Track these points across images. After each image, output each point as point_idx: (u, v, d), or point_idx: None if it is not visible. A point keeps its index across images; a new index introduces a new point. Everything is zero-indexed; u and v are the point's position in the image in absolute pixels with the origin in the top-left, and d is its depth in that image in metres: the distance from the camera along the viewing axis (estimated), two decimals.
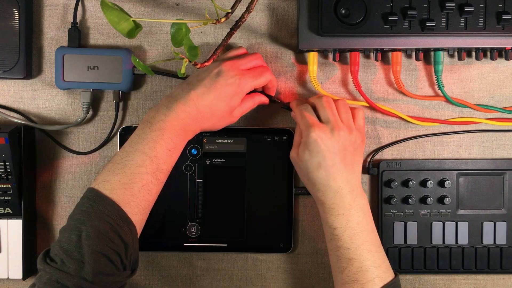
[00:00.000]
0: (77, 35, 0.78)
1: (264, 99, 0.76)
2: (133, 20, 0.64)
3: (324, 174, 0.68)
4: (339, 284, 0.70)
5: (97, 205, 0.63)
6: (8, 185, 0.76)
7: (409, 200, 0.78)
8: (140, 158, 0.66)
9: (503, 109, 0.80)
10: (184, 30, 0.63)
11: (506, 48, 0.76)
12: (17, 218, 0.77)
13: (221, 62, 0.71)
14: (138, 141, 0.67)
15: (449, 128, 0.80)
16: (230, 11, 0.67)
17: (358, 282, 0.67)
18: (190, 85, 0.70)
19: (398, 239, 0.79)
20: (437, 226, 0.79)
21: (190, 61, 0.65)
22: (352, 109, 0.73)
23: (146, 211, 0.68)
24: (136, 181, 0.65)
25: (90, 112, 0.79)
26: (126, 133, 0.79)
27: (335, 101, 0.73)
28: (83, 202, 0.64)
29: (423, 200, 0.78)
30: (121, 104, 0.79)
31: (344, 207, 0.69)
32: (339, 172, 0.68)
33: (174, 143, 0.68)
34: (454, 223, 0.79)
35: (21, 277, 0.77)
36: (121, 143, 0.79)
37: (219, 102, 0.70)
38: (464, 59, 0.78)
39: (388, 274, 0.69)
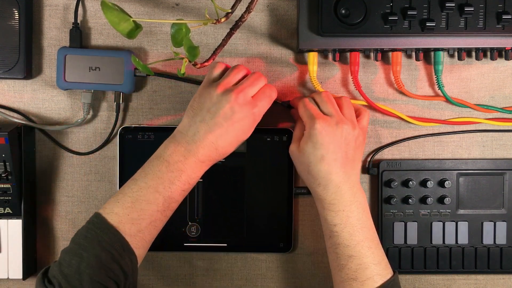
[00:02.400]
0: (79, 36, 0.78)
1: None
2: (133, 21, 0.64)
3: (327, 168, 0.68)
4: (338, 282, 0.70)
5: (102, 233, 0.63)
6: (8, 185, 0.76)
7: (409, 200, 0.78)
8: (152, 196, 0.66)
9: (503, 109, 0.80)
10: (184, 30, 0.63)
11: (506, 48, 0.76)
12: (17, 218, 0.77)
13: (230, 95, 0.68)
14: (152, 178, 0.67)
15: (449, 128, 0.80)
16: (230, 11, 0.67)
17: (357, 279, 0.67)
18: (204, 124, 0.68)
19: (398, 239, 0.79)
20: (437, 226, 0.79)
21: (190, 61, 0.65)
22: (359, 109, 0.74)
23: (149, 244, 0.68)
24: (145, 218, 0.66)
25: (90, 112, 0.79)
26: (126, 133, 0.79)
27: (338, 97, 0.73)
28: (89, 228, 0.65)
29: (423, 200, 0.78)
30: (121, 104, 0.79)
31: (345, 203, 0.69)
32: (341, 167, 0.68)
33: (189, 184, 0.69)
34: (454, 223, 0.79)
35: (21, 277, 0.77)
36: (121, 143, 0.79)
37: (239, 137, 0.70)
38: (464, 59, 0.78)
39: (387, 271, 0.69)
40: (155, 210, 0.66)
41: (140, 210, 0.65)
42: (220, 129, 0.68)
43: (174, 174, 0.67)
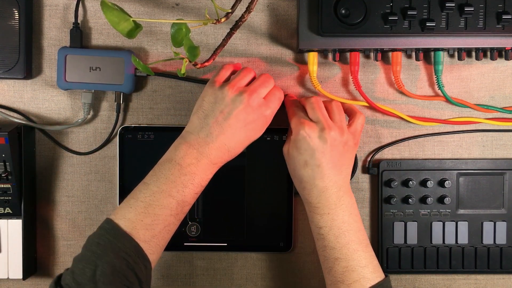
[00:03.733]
0: (79, 36, 0.78)
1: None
2: (133, 20, 0.64)
3: (310, 172, 0.68)
4: (328, 284, 0.70)
5: (115, 240, 0.62)
6: (8, 185, 0.76)
7: (409, 200, 0.78)
8: (166, 200, 0.65)
9: (503, 109, 0.80)
10: (184, 30, 0.63)
11: (506, 48, 0.76)
12: (17, 218, 0.77)
13: (243, 96, 0.68)
14: (165, 182, 0.66)
15: (449, 128, 0.80)
16: (230, 11, 0.67)
17: (344, 282, 0.67)
18: (217, 125, 0.68)
19: (398, 239, 0.79)
20: (437, 226, 0.79)
21: (190, 61, 0.65)
22: (353, 113, 0.73)
23: (162, 248, 0.68)
24: (159, 223, 0.65)
25: (91, 112, 0.79)
26: (126, 133, 0.79)
27: (328, 102, 0.73)
28: (101, 234, 0.64)
29: (423, 200, 0.78)
30: (121, 104, 0.79)
31: (329, 206, 0.69)
32: (325, 172, 0.68)
33: (201, 187, 0.68)
34: (454, 223, 0.79)
35: (21, 277, 0.77)
36: (121, 143, 0.79)
37: (250, 138, 0.70)
38: (464, 59, 0.78)
39: (376, 275, 0.68)
40: (169, 215, 0.65)
41: (154, 215, 0.65)
42: (233, 130, 0.68)
43: (187, 177, 0.66)
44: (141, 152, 0.79)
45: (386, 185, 0.79)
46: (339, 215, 0.69)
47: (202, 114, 0.69)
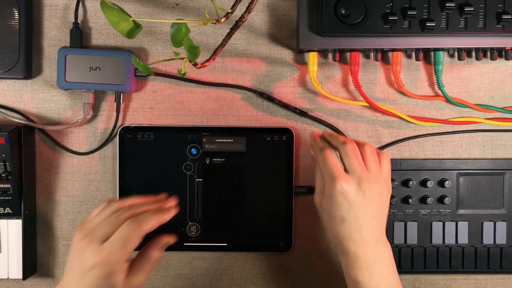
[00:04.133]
0: (79, 36, 0.78)
1: (160, 248, 0.67)
2: (133, 20, 0.64)
3: (347, 228, 0.65)
4: None
5: None
6: (8, 185, 0.76)
7: (409, 200, 0.78)
8: None
9: (503, 109, 0.80)
10: (184, 30, 0.63)
11: (506, 48, 0.76)
12: (17, 218, 0.77)
13: (75, 236, 0.63)
14: None
15: (449, 128, 0.80)
16: (230, 11, 0.67)
17: None
18: (68, 275, 0.63)
19: (398, 239, 0.79)
20: (437, 226, 0.79)
21: (190, 61, 0.65)
22: (378, 155, 0.68)
23: None
24: None
25: (90, 112, 0.79)
26: (126, 133, 0.79)
27: (361, 146, 0.68)
28: None
29: (423, 200, 0.78)
30: (121, 104, 0.79)
31: (368, 260, 0.65)
32: (363, 224, 0.65)
33: None
34: (454, 223, 0.79)
35: (21, 277, 0.77)
36: (121, 143, 0.79)
37: (97, 285, 0.61)
38: (464, 59, 0.78)
39: None
40: None
41: None
42: (71, 277, 0.62)
43: None
44: (141, 152, 0.79)
45: None
46: (377, 269, 0.65)
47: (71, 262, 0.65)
